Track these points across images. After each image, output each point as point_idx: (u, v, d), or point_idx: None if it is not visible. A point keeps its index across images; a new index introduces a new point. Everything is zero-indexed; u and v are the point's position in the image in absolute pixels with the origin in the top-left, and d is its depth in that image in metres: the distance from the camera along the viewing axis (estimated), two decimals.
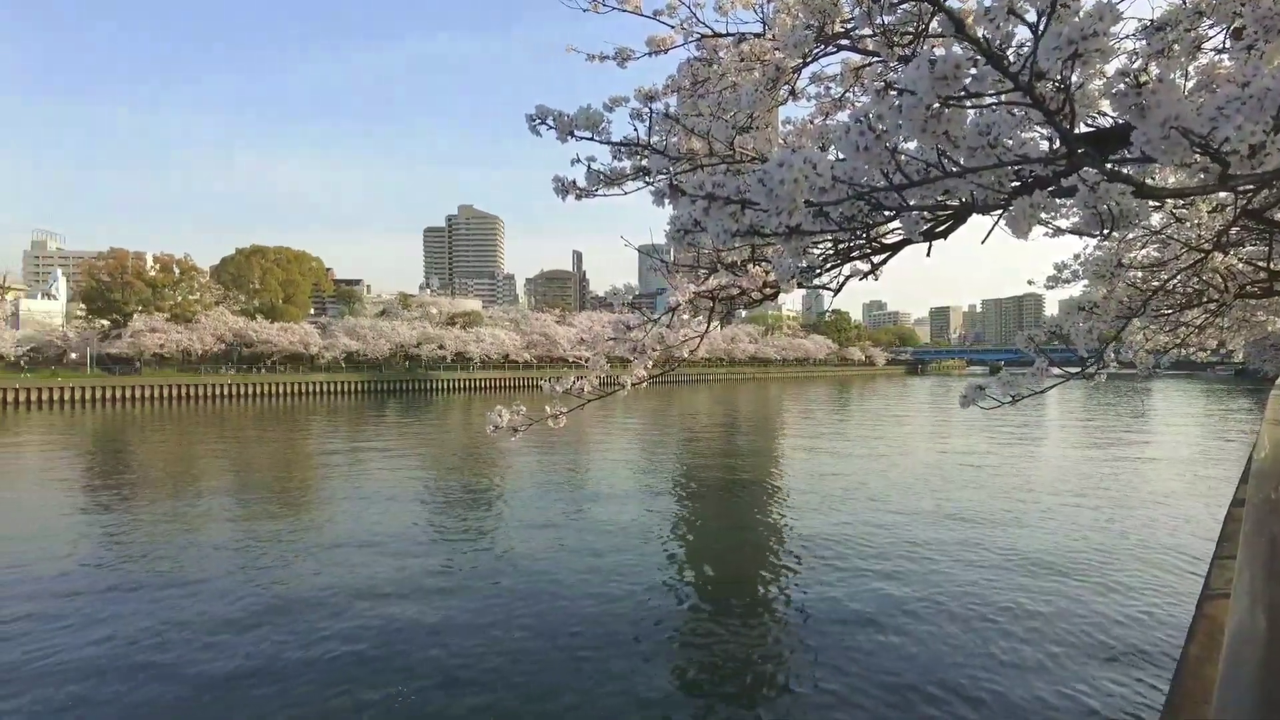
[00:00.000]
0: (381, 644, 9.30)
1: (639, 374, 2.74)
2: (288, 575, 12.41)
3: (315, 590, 11.49)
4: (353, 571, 12.44)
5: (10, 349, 70.19)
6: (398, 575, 12.18)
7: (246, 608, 10.73)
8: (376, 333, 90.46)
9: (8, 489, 22.77)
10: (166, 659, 8.95)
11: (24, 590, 11.59)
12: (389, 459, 28.18)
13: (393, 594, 11.22)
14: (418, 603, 10.83)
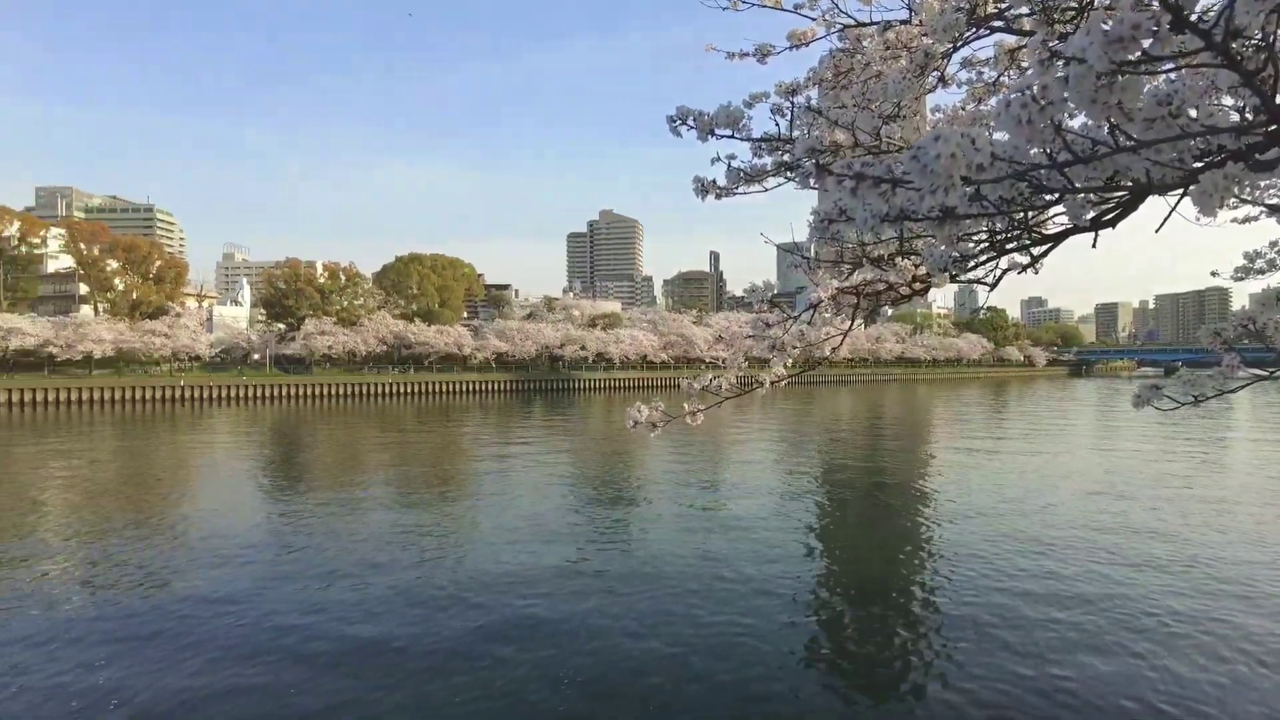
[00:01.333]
0: (519, 640, 9.43)
1: (778, 372, 2.69)
2: (434, 565, 13.06)
3: (458, 581, 12.03)
4: (497, 564, 12.92)
5: (205, 350, 78.23)
6: (539, 571, 12.41)
7: (394, 592, 11.41)
8: (523, 334, 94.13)
9: (208, 476, 25.43)
10: (321, 631, 9.65)
11: (212, 560, 12.86)
12: (535, 454, 29.20)
13: (532, 591, 11.37)
14: (557, 601, 10.93)
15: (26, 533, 15.82)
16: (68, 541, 15.12)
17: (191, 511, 18.53)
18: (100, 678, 8.37)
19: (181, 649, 9.18)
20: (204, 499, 20.55)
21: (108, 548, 14.39)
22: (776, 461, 26.87)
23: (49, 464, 27.37)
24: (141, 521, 16.98)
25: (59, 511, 18.42)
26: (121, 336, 72.00)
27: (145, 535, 15.56)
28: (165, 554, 13.89)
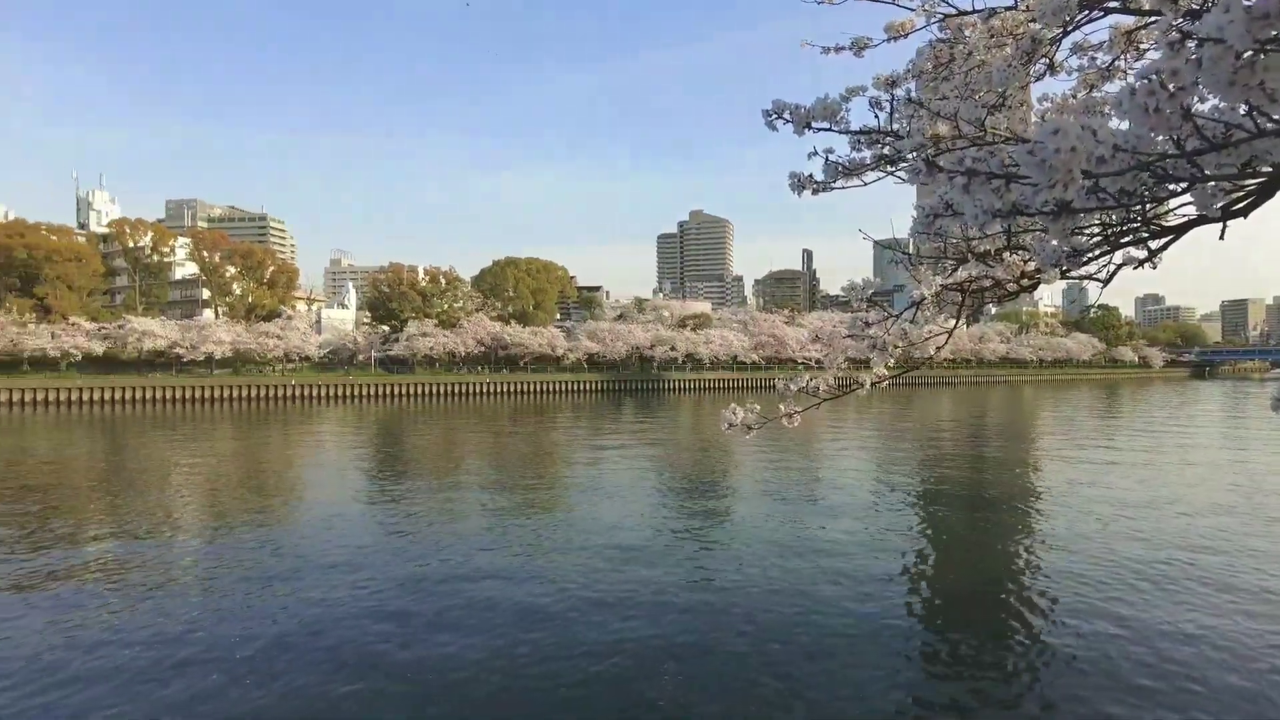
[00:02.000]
0: (600, 648, 9.50)
1: (879, 372, 2.63)
2: (526, 563, 13.32)
3: (546, 581, 12.24)
4: (583, 564, 13.07)
5: (314, 351, 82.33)
6: (626, 576, 12.22)
7: (483, 588, 11.70)
8: (614, 335, 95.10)
9: (317, 471, 26.78)
10: (406, 631, 9.99)
11: (320, 551, 13.51)
12: (626, 454, 29.41)
13: (620, 598, 11.16)
14: (645, 608, 10.61)
15: (158, 519, 17.01)
16: (191, 528, 16.19)
17: (301, 504, 19.55)
18: (212, 657, 8.93)
19: (283, 637, 9.69)
20: (312, 492, 21.65)
21: (227, 533, 15.34)
22: (873, 467, 26.16)
23: (177, 456, 29.39)
24: (257, 511, 18.02)
25: (184, 500, 19.74)
26: (239, 338, 76.60)
27: (260, 524, 16.50)
28: (276, 544, 14.68)
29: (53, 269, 76.15)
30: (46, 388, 64.14)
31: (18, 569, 12.84)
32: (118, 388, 66.01)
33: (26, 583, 12.08)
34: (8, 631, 9.83)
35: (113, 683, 8.24)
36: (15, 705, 7.71)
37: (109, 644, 9.37)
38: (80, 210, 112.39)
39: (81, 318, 73.99)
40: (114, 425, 46.11)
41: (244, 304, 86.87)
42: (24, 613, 10.63)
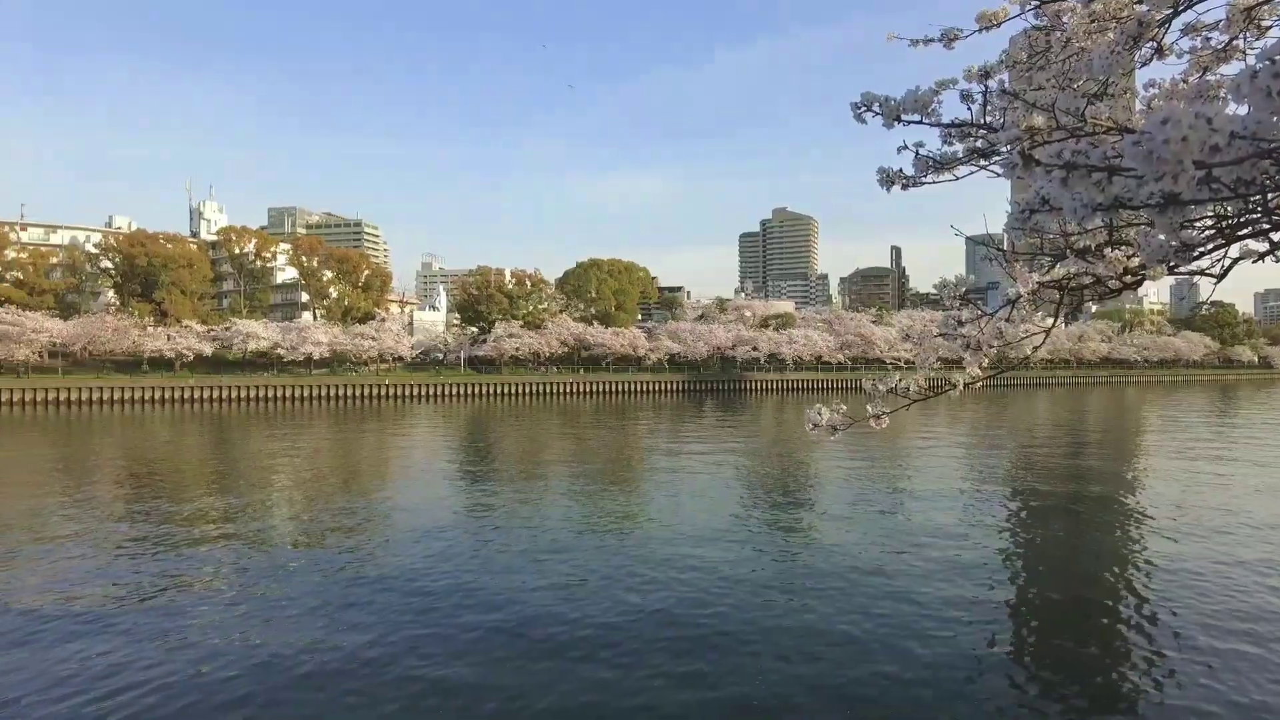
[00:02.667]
0: (691, 650, 9.55)
1: (972, 373, 2.54)
2: (608, 562, 13.44)
3: (630, 583, 12.31)
4: (663, 565, 13.10)
5: (407, 352, 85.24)
6: (708, 577, 12.15)
7: (568, 592, 11.85)
8: (695, 336, 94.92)
9: (409, 465, 27.73)
10: (491, 621, 10.20)
11: (409, 541, 13.97)
12: (706, 455, 29.32)
13: (702, 598, 11.08)
14: (728, 614, 10.46)
15: (260, 509, 17.94)
16: (292, 518, 17.00)
17: (393, 497, 20.27)
18: (303, 641, 9.35)
19: (372, 620, 10.05)
20: (404, 486, 22.43)
21: (325, 524, 16.04)
22: (965, 470, 25.27)
23: (279, 450, 30.93)
24: (352, 504, 18.77)
25: (286, 491, 20.75)
26: (336, 340, 79.92)
27: (355, 516, 17.18)
28: (371, 536, 15.26)
29: (169, 275, 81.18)
30: (163, 386, 68.45)
31: (138, 549, 13.75)
32: (225, 386, 69.87)
33: (143, 558, 12.94)
34: (125, 596, 10.54)
35: (227, 662, 8.74)
36: (136, 676, 8.25)
37: (218, 622, 9.95)
38: (192, 220, 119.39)
39: (193, 321, 78.62)
40: (222, 421, 48.85)
41: (340, 307, 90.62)
42: (141, 588, 11.38)
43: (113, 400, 65.67)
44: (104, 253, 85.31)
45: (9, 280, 78.33)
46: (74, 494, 20.83)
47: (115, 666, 8.64)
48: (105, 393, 66.05)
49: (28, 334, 68.55)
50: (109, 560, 13.40)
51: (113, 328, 73.10)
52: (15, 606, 10.82)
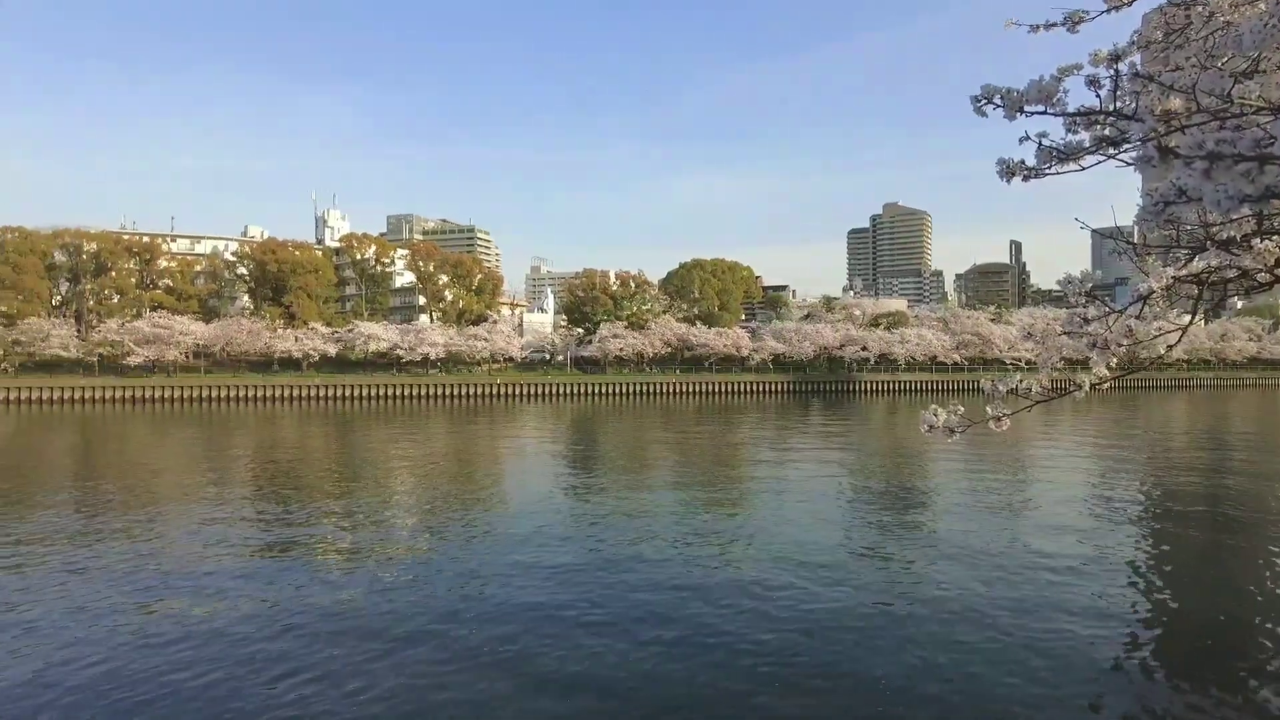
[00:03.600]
0: (787, 660, 9.37)
1: (1099, 373, 2.40)
2: (715, 571, 13.38)
3: (725, 590, 12.21)
4: (762, 576, 12.92)
5: (517, 352, 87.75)
6: (807, 592, 11.63)
7: (668, 584, 11.87)
8: (801, 335, 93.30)
9: (518, 461, 28.53)
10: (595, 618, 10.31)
11: (520, 539, 14.36)
12: (811, 456, 28.81)
13: (803, 613, 10.70)
14: (835, 640, 9.82)
15: (379, 497, 18.87)
16: (407, 508, 17.80)
17: (501, 495, 20.90)
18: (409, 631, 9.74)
19: (480, 616, 10.38)
20: (513, 483, 23.08)
21: (437, 515, 16.72)
22: (1090, 479, 23.66)
23: (397, 445, 32.44)
24: (464, 498, 19.48)
25: (405, 483, 21.74)
26: (451, 341, 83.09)
27: (466, 510, 17.81)
28: (478, 531, 15.77)
29: (297, 280, 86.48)
30: (292, 385, 73.03)
31: (266, 534, 14.72)
32: (348, 385, 73.90)
33: (276, 546, 13.84)
34: (255, 582, 11.30)
35: (340, 646, 9.24)
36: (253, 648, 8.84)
37: (330, 602, 10.52)
38: (318, 227, 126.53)
39: (319, 323, 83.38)
40: (345, 418, 51.64)
41: (455, 309, 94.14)
42: (271, 570, 12.17)
43: (247, 398, 70.52)
44: (240, 260, 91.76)
45: (160, 287, 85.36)
46: (215, 478, 22.55)
47: (246, 617, 9.28)
48: (241, 391, 71.05)
49: (176, 336, 74.60)
50: (241, 534, 14.41)
51: (247, 330, 78.47)
52: (161, 567, 11.82)
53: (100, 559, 13.37)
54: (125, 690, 8.05)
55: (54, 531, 15.54)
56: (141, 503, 19.30)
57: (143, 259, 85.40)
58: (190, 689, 8.09)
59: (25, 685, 8.18)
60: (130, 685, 8.16)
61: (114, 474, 25.29)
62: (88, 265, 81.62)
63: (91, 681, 8.27)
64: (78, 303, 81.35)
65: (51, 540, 14.76)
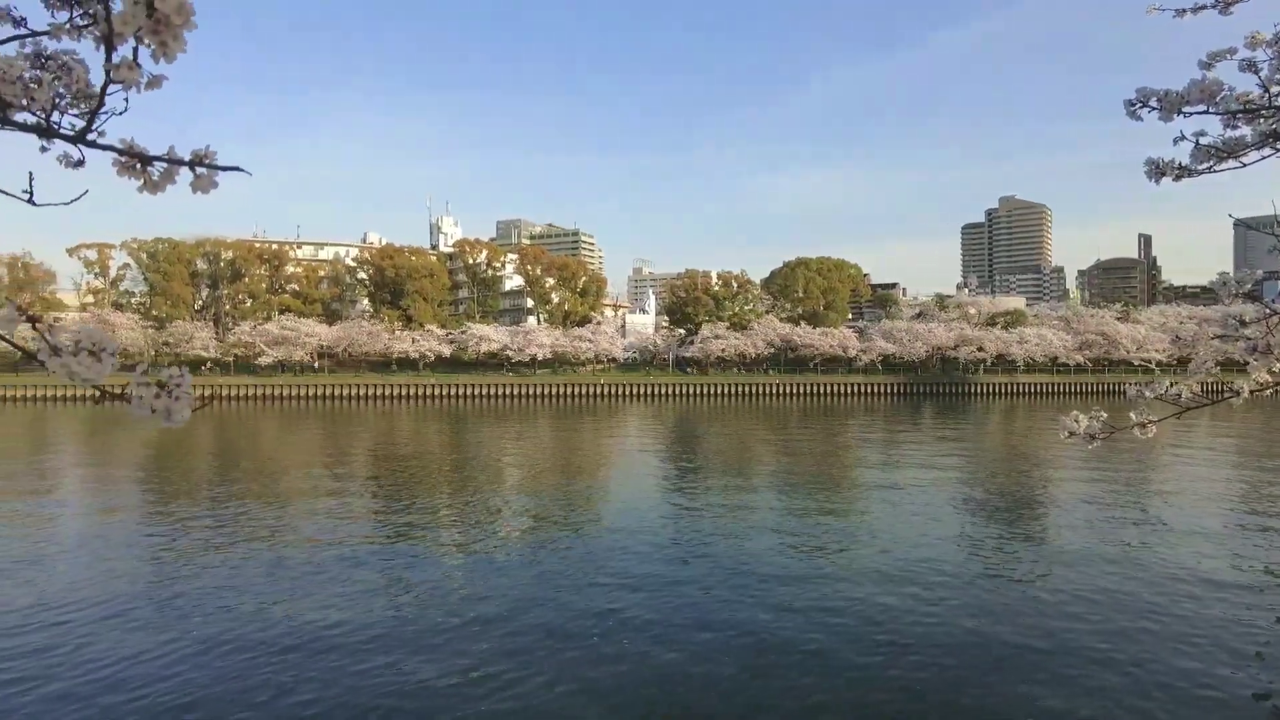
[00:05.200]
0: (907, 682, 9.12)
1: (1260, 378, 2.25)
2: (820, 582, 13.13)
3: (833, 592, 11.96)
4: (867, 589, 12.59)
5: (619, 353, 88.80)
6: (916, 609, 11.18)
7: (779, 588, 11.73)
8: (912, 335, 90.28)
9: (621, 460, 28.89)
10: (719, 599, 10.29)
11: (621, 540, 14.55)
12: (924, 461, 27.86)
13: (920, 630, 10.23)
14: (946, 647, 9.60)
15: (490, 490, 19.51)
16: (515, 501, 18.33)
17: (606, 491, 21.21)
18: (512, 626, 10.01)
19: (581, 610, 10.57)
20: (617, 483, 23.38)
21: (545, 510, 17.14)
22: (1241, 496, 21.78)
23: (507, 442, 33.43)
24: (570, 496, 19.88)
25: (512, 480, 22.39)
26: (557, 342, 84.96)
27: (572, 509, 18.17)
28: (579, 526, 16.06)
29: (413, 285, 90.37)
30: (409, 384, 76.46)
31: (384, 523, 15.48)
32: (461, 384, 76.76)
33: (393, 531, 14.54)
34: (376, 563, 11.91)
35: (444, 634, 9.62)
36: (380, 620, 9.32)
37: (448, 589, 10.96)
38: (432, 234, 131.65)
39: (434, 325, 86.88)
40: (459, 416, 53.60)
41: (561, 311, 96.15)
42: (387, 555, 12.80)
43: (368, 396, 74.21)
44: (360, 265, 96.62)
45: (288, 292, 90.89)
46: (337, 469, 23.89)
47: (364, 593, 9.81)
48: (362, 389, 74.86)
49: (303, 338, 79.35)
50: (358, 518, 15.21)
51: (368, 332, 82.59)
52: (284, 548, 12.64)
53: (247, 542, 14.41)
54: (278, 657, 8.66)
55: (208, 514, 16.86)
56: (277, 494, 20.66)
57: (272, 265, 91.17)
58: (325, 666, 8.61)
59: (199, 645, 8.91)
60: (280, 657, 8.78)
61: (266, 465, 27.16)
62: (225, 272, 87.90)
63: (241, 650, 8.94)
64: (216, 307, 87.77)
65: (206, 520, 16.02)
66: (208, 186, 1.31)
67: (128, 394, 1.28)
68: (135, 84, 1.27)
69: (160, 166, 1.29)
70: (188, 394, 1.27)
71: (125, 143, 1.30)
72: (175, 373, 1.27)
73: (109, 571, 12.68)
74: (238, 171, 1.35)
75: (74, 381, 1.23)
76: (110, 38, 1.21)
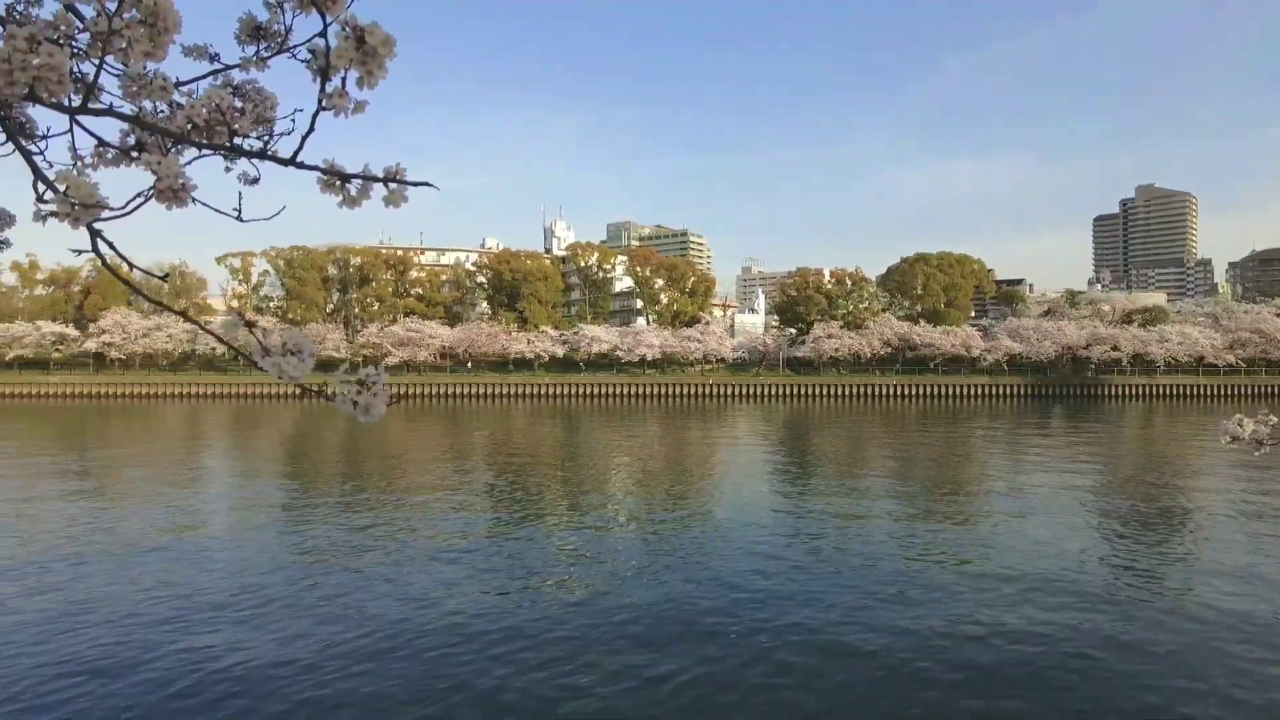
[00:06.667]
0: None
1: None
2: (925, 594, 12.73)
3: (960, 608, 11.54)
4: (989, 604, 12.05)
5: (728, 353, 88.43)
6: (1041, 624, 10.51)
7: (896, 599, 11.44)
8: (1040, 334, 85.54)
9: (732, 462, 28.84)
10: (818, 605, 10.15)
11: (733, 544, 14.54)
12: (1053, 467, 26.42)
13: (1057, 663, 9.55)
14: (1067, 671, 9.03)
15: (601, 488, 19.91)
16: (625, 501, 18.63)
17: (716, 493, 21.24)
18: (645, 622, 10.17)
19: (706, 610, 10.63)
20: (728, 483, 23.37)
21: (653, 509, 17.35)
22: None
23: (618, 441, 33.96)
24: (680, 497, 20.02)
25: (624, 476, 22.76)
26: (665, 342, 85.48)
27: (683, 505, 18.30)
28: (692, 527, 16.14)
29: (528, 287, 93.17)
30: (524, 383, 78.84)
31: (497, 507, 16.08)
32: (574, 384, 78.48)
33: (500, 513, 15.09)
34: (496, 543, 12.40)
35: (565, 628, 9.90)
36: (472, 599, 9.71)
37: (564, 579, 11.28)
38: (546, 238, 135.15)
39: (548, 326, 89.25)
40: (571, 414, 54.83)
41: (670, 311, 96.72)
42: (496, 534, 13.30)
43: (486, 395, 76.95)
44: (479, 270, 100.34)
45: (412, 295, 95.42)
46: (458, 466, 24.96)
47: (476, 584, 10.25)
48: (481, 388, 77.70)
49: (426, 339, 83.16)
50: (473, 514, 15.86)
51: (486, 334, 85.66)
52: (395, 543, 13.32)
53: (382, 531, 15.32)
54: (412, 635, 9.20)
55: (349, 506, 18.00)
56: (407, 487, 21.79)
57: (398, 270, 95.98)
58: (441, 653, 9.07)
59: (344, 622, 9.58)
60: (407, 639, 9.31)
61: (396, 461, 28.74)
62: (354, 277, 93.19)
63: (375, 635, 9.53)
64: (346, 310, 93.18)
65: (341, 513, 17.12)
66: (399, 201, 1.40)
67: (325, 391, 1.38)
68: (344, 109, 1.38)
69: (357, 184, 1.40)
70: (384, 391, 1.38)
71: (327, 163, 1.39)
72: (372, 372, 1.37)
73: (271, 563, 13.74)
74: (427, 186, 1.42)
75: (281, 379, 1.35)
76: (327, 70, 1.32)
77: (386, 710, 7.71)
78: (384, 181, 1.40)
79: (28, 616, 10.27)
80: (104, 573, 12.43)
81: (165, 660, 8.77)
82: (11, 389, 74.27)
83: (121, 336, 79.84)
